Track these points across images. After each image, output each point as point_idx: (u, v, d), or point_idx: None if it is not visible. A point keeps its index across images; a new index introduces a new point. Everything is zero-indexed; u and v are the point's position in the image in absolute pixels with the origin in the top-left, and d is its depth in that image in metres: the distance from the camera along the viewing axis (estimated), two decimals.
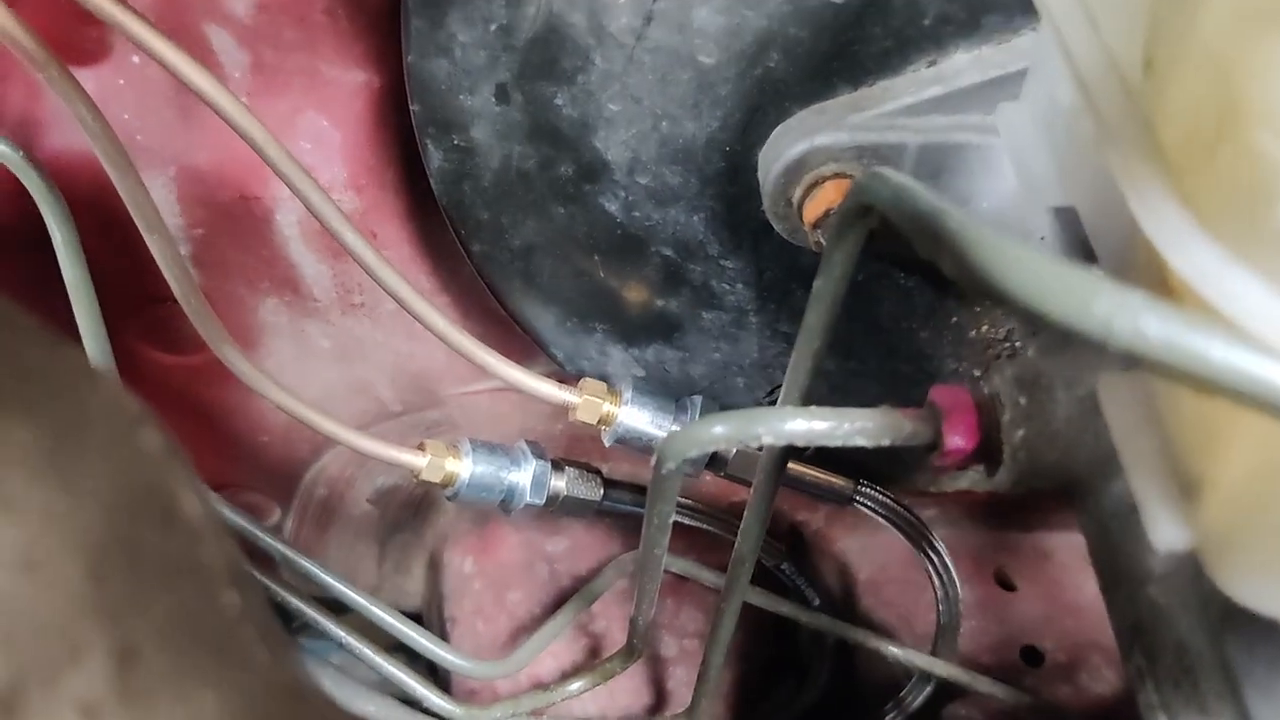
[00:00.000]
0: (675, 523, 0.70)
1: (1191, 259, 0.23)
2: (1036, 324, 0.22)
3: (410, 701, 0.65)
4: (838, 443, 0.37)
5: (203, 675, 0.20)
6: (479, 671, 0.65)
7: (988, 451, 0.37)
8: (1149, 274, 0.30)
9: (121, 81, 0.59)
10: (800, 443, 0.37)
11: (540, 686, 0.68)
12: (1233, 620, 0.31)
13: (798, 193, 0.48)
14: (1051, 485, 0.38)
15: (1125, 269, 0.32)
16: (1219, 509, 0.28)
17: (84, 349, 0.54)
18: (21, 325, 0.21)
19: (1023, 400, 0.36)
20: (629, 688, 0.71)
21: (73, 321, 0.57)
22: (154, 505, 0.20)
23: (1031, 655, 0.76)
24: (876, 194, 0.33)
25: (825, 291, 0.41)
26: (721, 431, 0.38)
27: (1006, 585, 0.79)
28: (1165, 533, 0.29)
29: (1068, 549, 0.79)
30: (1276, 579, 0.28)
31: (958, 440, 0.37)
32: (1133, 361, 0.22)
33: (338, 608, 0.67)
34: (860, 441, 0.37)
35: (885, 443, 0.37)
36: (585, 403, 0.59)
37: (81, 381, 0.21)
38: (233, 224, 0.64)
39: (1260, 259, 0.23)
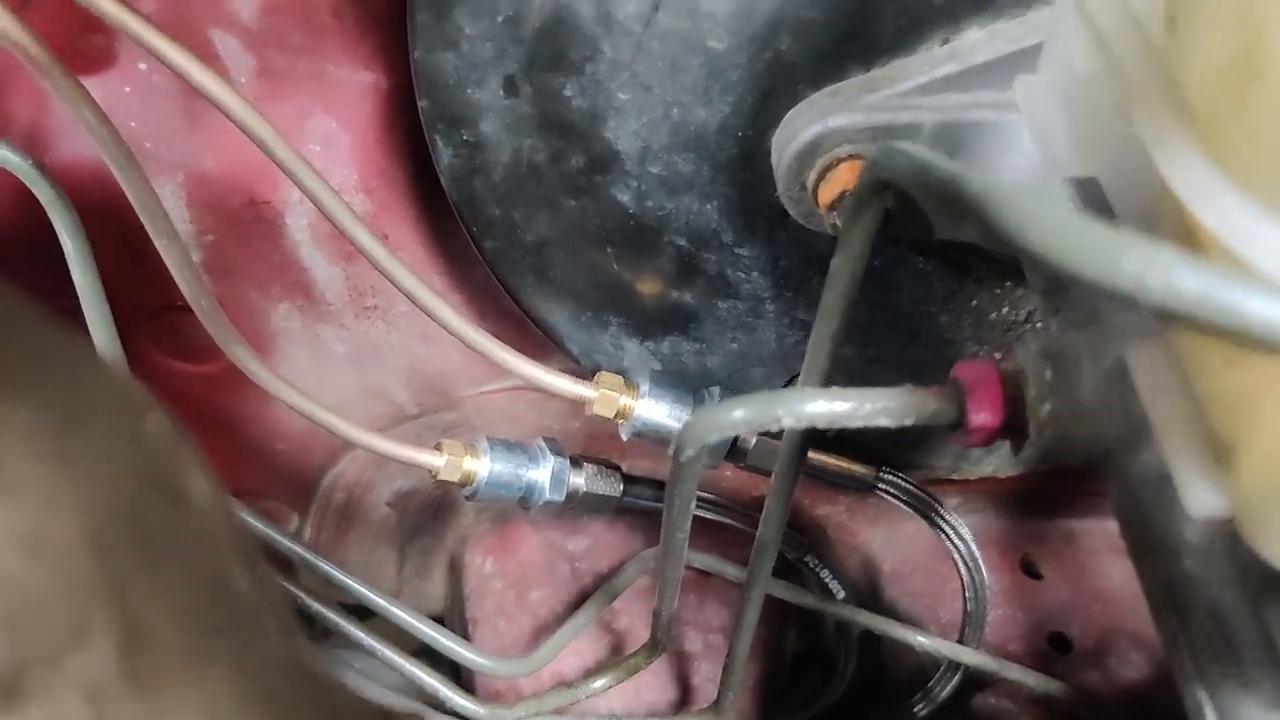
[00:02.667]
0: (696, 518, 0.70)
1: (1220, 212, 0.23)
2: (1066, 283, 0.21)
3: (434, 703, 0.65)
4: (860, 423, 0.36)
5: (213, 657, 0.19)
6: (502, 670, 0.64)
7: (1014, 427, 0.36)
8: (1176, 240, 0.29)
9: (128, 89, 0.59)
10: (822, 424, 0.36)
11: (564, 684, 0.67)
12: (1273, 588, 0.31)
13: (812, 176, 0.48)
14: (1079, 460, 0.37)
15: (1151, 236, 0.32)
16: (1255, 473, 0.27)
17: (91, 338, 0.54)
18: (26, 311, 0.20)
19: (1049, 374, 0.35)
20: (654, 684, 0.71)
21: (85, 330, 0.57)
22: (161, 487, 0.20)
23: (1060, 642, 0.75)
24: (892, 167, 0.33)
25: (843, 271, 0.41)
26: (742, 415, 0.37)
27: (1032, 573, 0.78)
28: (1201, 500, 0.29)
29: (1093, 535, 0.79)
30: None
31: (983, 416, 0.36)
32: (1164, 319, 0.21)
33: (359, 612, 0.67)
34: (883, 421, 0.36)
35: (909, 422, 0.36)
36: (602, 396, 0.58)
37: (86, 367, 0.20)
38: (243, 229, 0.64)
39: None
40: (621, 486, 0.65)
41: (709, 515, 0.70)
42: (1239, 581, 0.33)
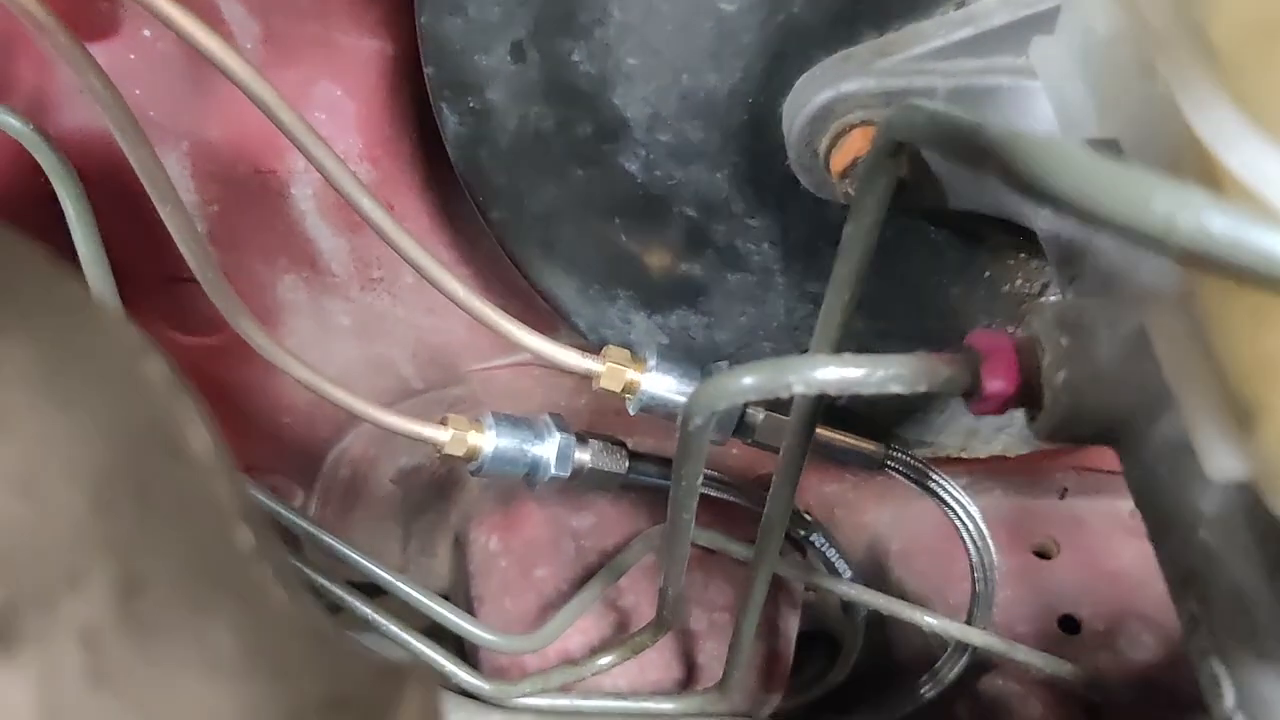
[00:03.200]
0: (702, 495, 0.69)
1: (1249, 159, 0.22)
2: (1092, 228, 0.21)
3: (440, 679, 0.64)
4: (872, 390, 0.35)
5: (215, 610, 0.19)
6: (507, 646, 0.64)
7: (1028, 395, 0.36)
8: None
9: (132, 56, 0.59)
10: (833, 391, 0.36)
11: (569, 662, 0.67)
12: None
13: (824, 143, 0.47)
14: (1094, 431, 0.36)
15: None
16: (1278, 436, 0.27)
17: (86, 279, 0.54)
18: (25, 251, 0.20)
19: (1064, 341, 0.35)
20: (659, 662, 0.70)
21: None
22: (160, 436, 0.19)
23: (1069, 623, 0.74)
24: (909, 125, 0.32)
25: (856, 239, 0.40)
26: (751, 382, 0.37)
27: (1042, 553, 0.78)
28: (1222, 463, 0.28)
29: (1104, 516, 0.78)
30: None
31: (998, 384, 0.35)
32: (1192, 265, 0.20)
33: (364, 590, 0.66)
34: (895, 388, 0.35)
35: (921, 389, 0.36)
36: (609, 370, 0.58)
37: (83, 309, 0.20)
38: (248, 199, 0.63)
39: None
40: (627, 463, 0.65)
41: (714, 493, 0.70)
42: (1258, 552, 0.32)
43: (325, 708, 0.19)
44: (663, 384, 0.58)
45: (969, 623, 0.70)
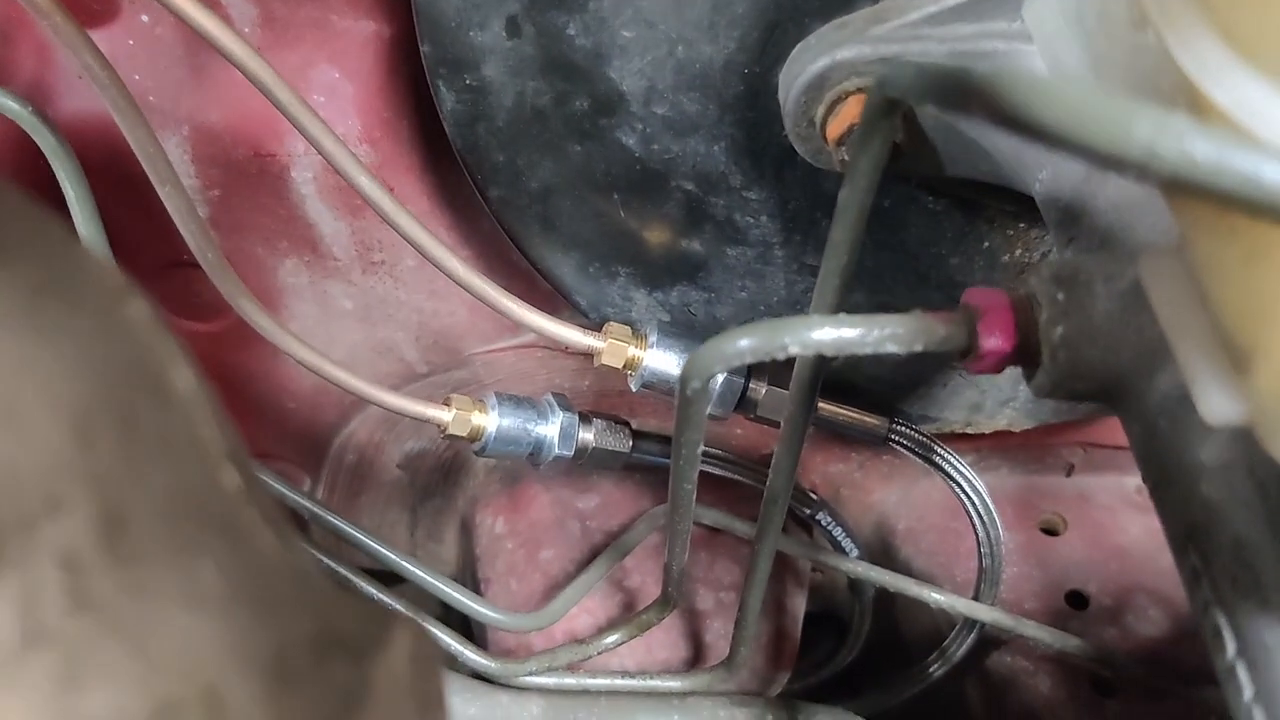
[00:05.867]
0: (706, 474, 0.69)
1: (1232, 91, 0.22)
2: (1078, 156, 0.21)
3: (447, 659, 0.64)
4: (868, 349, 0.35)
5: (200, 547, 0.19)
6: (513, 624, 0.64)
7: (1026, 352, 0.36)
8: None
9: (131, 41, 0.59)
10: (829, 351, 0.36)
11: (576, 641, 0.67)
12: None
13: (820, 111, 0.47)
14: (1092, 386, 0.36)
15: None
16: (1273, 376, 0.26)
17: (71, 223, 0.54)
18: (3, 192, 0.20)
19: (1061, 296, 0.35)
20: (665, 641, 0.70)
21: None
22: (143, 375, 0.19)
23: (1076, 599, 0.74)
24: (898, 80, 0.32)
25: (851, 202, 0.40)
26: (747, 344, 0.36)
27: (1049, 530, 0.77)
28: (1219, 406, 0.28)
29: (1110, 491, 0.78)
30: None
31: (995, 341, 0.35)
32: (1176, 191, 0.20)
33: (373, 573, 0.66)
34: (892, 348, 0.35)
35: (918, 348, 0.36)
36: (610, 347, 0.58)
37: (64, 249, 0.20)
38: (248, 183, 0.63)
39: None
40: (631, 442, 0.65)
41: (719, 471, 0.70)
42: (1259, 502, 0.32)
43: (313, 644, 0.19)
44: (664, 360, 0.58)
45: (976, 599, 0.69)
